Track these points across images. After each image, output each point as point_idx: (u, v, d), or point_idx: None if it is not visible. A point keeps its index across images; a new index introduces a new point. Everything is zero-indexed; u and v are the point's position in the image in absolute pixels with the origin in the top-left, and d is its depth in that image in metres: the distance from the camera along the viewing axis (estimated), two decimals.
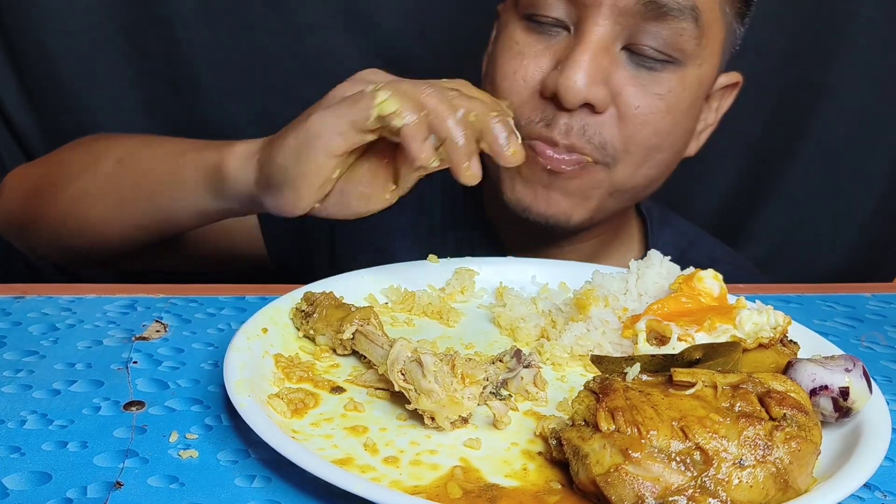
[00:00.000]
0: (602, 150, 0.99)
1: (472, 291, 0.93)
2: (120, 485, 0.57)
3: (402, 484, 0.57)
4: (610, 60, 0.96)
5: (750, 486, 0.53)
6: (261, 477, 0.59)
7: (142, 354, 0.78)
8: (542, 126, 0.98)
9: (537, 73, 0.99)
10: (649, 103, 0.98)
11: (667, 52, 0.96)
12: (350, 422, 0.65)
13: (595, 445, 0.55)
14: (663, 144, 1.02)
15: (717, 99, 1.13)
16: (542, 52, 0.99)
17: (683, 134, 1.05)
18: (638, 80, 0.97)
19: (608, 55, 0.96)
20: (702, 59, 1.00)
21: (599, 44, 0.94)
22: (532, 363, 0.70)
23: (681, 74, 0.99)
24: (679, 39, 0.95)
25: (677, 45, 0.96)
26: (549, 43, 0.99)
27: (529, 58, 0.99)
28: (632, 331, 0.77)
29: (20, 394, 0.69)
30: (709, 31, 0.98)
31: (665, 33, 0.95)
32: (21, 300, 0.89)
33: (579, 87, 0.93)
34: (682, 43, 0.96)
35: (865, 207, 1.69)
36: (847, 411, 0.65)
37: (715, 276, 0.82)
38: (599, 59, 0.95)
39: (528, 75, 0.99)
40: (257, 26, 1.50)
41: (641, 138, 0.99)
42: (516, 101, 1.00)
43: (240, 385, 0.64)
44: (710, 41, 0.99)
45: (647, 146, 1.00)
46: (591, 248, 1.19)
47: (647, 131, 0.99)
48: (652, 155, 1.02)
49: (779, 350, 0.72)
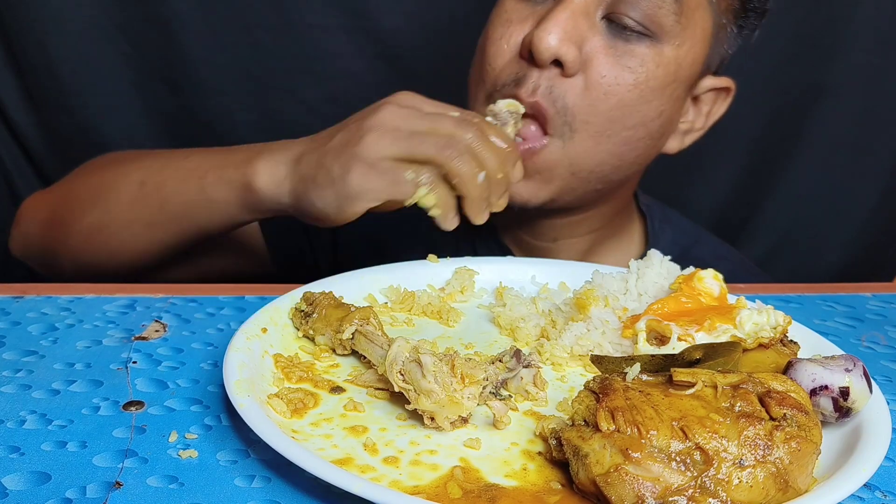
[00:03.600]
0: (563, 115, 1.00)
1: (472, 291, 0.93)
2: (119, 485, 0.57)
3: (402, 484, 0.57)
4: (589, 25, 0.98)
5: (750, 486, 0.53)
6: (260, 477, 0.59)
7: (141, 354, 0.77)
8: (513, 86, 1.01)
9: (520, 36, 1.02)
10: (617, 74, 0.99)
11: (645, 23, 0.98)
12: (350, 422, 0.65)
13: (595, 445, 0.55)
14: (627, 120, 1.02)
15: (709, 104, 1.13)
16: (528, 17, 1.02)
17: (656, 116, 1.04)
18: (612, 50, 0.99)
19: (588, 20, 0.98)
20: (681, 41, 1.00)
21: (580, 6, 0.97)
22: (532, 363, 0.70)
23: (657, 50, 1.00)
24: (658, 12, 0.97)
25: (656, 18, 0.98)
26: (536, 9, 1.02)
27: (515, 23, 1.03)
28: (632, 331, 0.77)
29: (19, 394, 0.69)
30: (690, 12, 1.00)
31: (644, 4, 0.97)
32: (20, 300, 0.89)
33: (551, 41, 0.95)
34: (661, 16, 0.98)
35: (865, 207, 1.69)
36: (847, 411, 0.65)
37: (715, 276, 0.82)
38: (577, 20, 0.97)
39: (511, 39, 1.02)
40: (257, 26, 1.50)
41: (604, 108, 1.00)
42: (498, 65, 1.03)
43: (239, 385, 0.64)
44: (690, 22, 1.00)
45: (609, 118, 1.01)
46: (587, 244, 1.19)
47: (610, 102, 1.00)
48: (614, 129, 1.02)
49: (779, 350, 0.71)
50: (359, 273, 0.91)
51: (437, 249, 0.98)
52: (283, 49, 1.51)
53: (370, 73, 1.53)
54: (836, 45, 1.54)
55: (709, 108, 1.13)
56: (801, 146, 1.64)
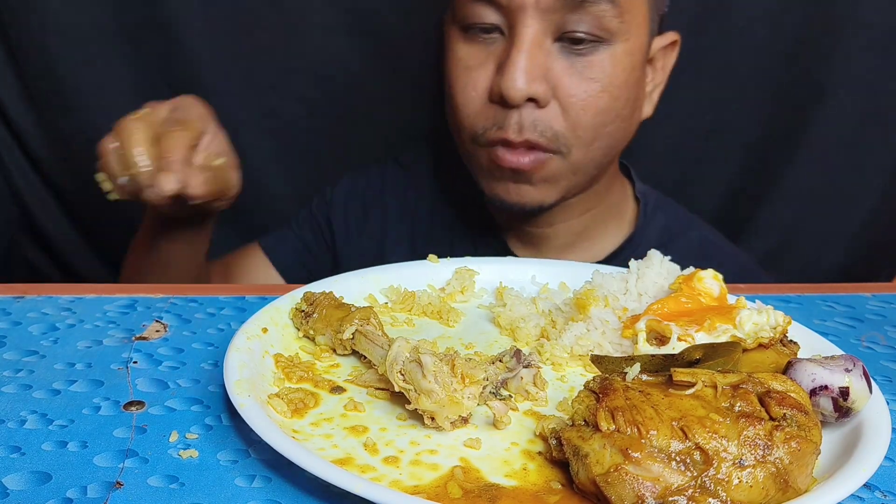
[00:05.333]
0: (555, 140, 1.07)
1: (472, 291, 0.93)
2: (120, 484, 0.57)
3: (402, 484, 0.57)
4: (545, 55, 1.04)
5: (750, 486, 0.53)
6: (261, 477, 0.59)
7: (142, 354, 0.78)
8: (496, 130, 1.07)
9: (485, 82, 1.08)
10: (585, 88, 1.06)
11: (594, 33, 1.04)
12: (350, 422, 0.65)
13: (595, 445, 0.55)
14: (607, 120, 1.09)
15: (661, 59, 1.20)
16: (485, 61, 1.08)
17: (627, 104, 1.11)
18: (572, 68, 1.05)
19: (542, 50, 1.04)
20: (628, 34, 1.07)
21: (532, 42, 1.03)
22: (532, 363, 0.70)
23: (610, 52, 1.06)
24: (602, 21, 1.03)
25: (602, 26, 1.04)
26: (489, 49, 1.08)
27: (475, 69, 1.09)
28: (632, 331, 0.77)
29: (20, 394, 0.70)
30: (629, 6, 1.05)
31: (588, 18, 1.03)
32: (21, 300, 0.89)
33: (520, 86, 1.02)
34: (606, 23, 1.04)
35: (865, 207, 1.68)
36: (847, 411, 0.65)
37: (715, 276, 0.82)
38: (535, 55, 1.03)
39: (477, 85, 1.09)
40: (257, 26, 1.49)
41: (586, 121, 1.08)
42: (472, 112, 1.10)
43: (240, 385, 0.64)
44: (631, 15, 1.06)
45: (593, 126, 1.08)
46: (582, 225, 1.24)
47: (589, 114, 1.07)
48: (599, 132, 1.09)
49: (779, 350, 0.72)
50: (359, 273, 0.91)
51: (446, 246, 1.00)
52: (283, 49, 1.50)
53: (370, 73, 1.53)
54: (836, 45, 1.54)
55: (662, 63, 1.20)
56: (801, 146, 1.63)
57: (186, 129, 0.96)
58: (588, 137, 1.09)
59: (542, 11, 1.02)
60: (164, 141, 0.94)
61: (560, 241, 1.24)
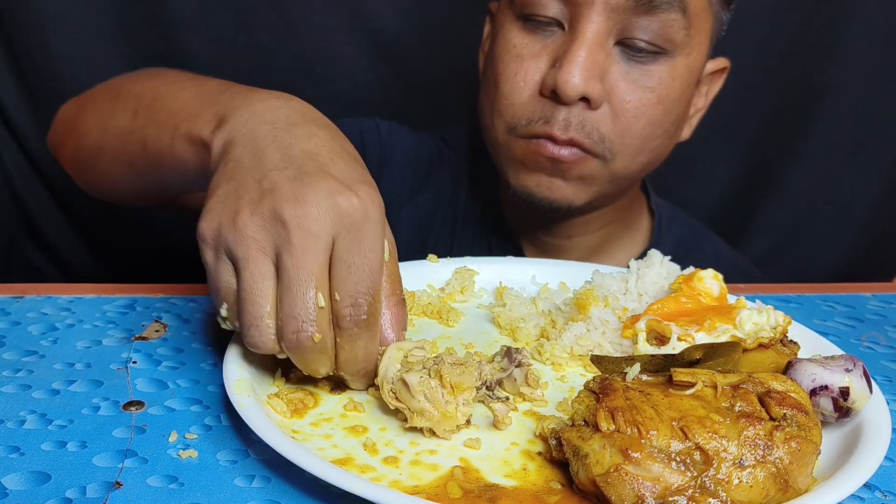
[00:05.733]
0: (601, 143, 1.03)
1: (472, 291, 0.92)
2: (119, 485, 0.57)
3: (402, 484, 0.57)
4: (605, 56, 1.00)
5: (750, 486, 0.53)
6: (260, 477, 0.59)
7: (141, 354, 0.77)
8: (542, 123, 1.02)
9: (536, 74, 1.03)
10: (640, 96, 1.02)
11: (657, 43, 1.00)
12: (350, 422, 0.65)
13: (595, 445, 0.55)
14: (656, 132, 1.06)
15: (707, 84, 1.17)
16: (540, 52, 1.03)
17: (676, 121, 1.09)
18: (629, 74, 1.02)
19: (602, 50, 1.00)
20: (690, 49, 1.03)
21: (594, 40, 0.99)
22: (522, 362, 0.70)
23: (670, 65, 1.03)
24: (669, 31, 1.00)
25: (667, 37, 1.00)
26: (546, 42, 1.03)
27: (528, 59, 1.03)
28: (632, 331, 0.77)
29: (19, 394, 0.69)
30: (696, 21, 1.02)
31: (655, 26, 0.99)
32: (20, 300, 0.89)
33: (577, 83, 0.98)
34: (672, 34, 1.00)
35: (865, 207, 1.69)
36: (847, 411, 0.65)
37: (715, 276, 0.82)
38: (595, 54, 0.99)
39: (527, 76, 1.03)
40: (257, 26, 1.49)
41: (636, 130, 1.04)
42: (517, 102, 1.04)
43: (239, 385, 0.64)
44: (697, 31, 1.03)
45: (642, 136, 1.05)
46: (599, 239, 1.21)
47: (640, 123, 1.04)
48: (647, 144, 1.06)
49: (779, 350, 0.71)
50: None
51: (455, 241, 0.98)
52: (283, 49, 1.50)
53: (370, 73, 1.53)
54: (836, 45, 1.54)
55: (707, 88, 1.17)
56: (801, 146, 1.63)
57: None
58: (634, 147, 1.05)
59: (610, 10, 0.98)
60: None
61: (576, 254, 1.21)
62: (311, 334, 0.61)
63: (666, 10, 0.98)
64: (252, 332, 0.62)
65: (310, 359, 0.63)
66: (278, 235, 0.60)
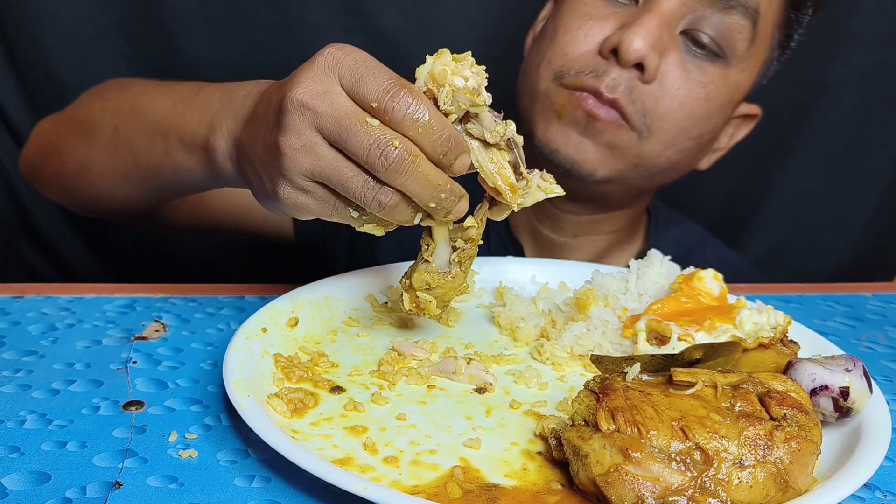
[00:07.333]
0: (642, 116, 1.03)
1: (472, 291, 0.92)
2: (119, 485, 0.57)
3: (402, 484, 0.57)
4: (670, 38, 1.01)
5: (750, 486, 0.53)
6: (260, 477, 0.59)
7: (141, 354, 0.77)
8: (592, 77, 1.02)
9: (599, 35, 1.03)
10: (691, 87, 1.03)
11: (720, 43, 1.02)
12: (350, 422, 0.65)
13: (595, 445, 0.55)
14: (692, 132, 1.06)
15: (734, 126, 1.17)
16: (608, 17, 1.04)
17: (711, 131, 1.09)
18: (686, 65, 1.02)
19: (670, 32, 1.01)
20: (745, 66, 1.05)
21: (665, 16, 1.00)
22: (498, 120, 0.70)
23: (724, 72, 1.04)
24: (734, 35, 1.01)
25: (731, 41, 1.02)
26: (616, 10, 1.04)
27: (595, 19, 1.05)
28: (632, 331, 0.77)
29: (19, 393, 0.69)
30: (758, 40, 1.04)
31: (723, 25, 1.01)
32: (20, 300, 0.89)
33: (639, 46, 0.98)
34: (736, 40, 1.02)
35: (865, 207, 1.69)
36: (847, 411, 0.65)
37: (715, 276, 0.82)
38: (662, 30, 1.00)
39: (589, 33, 1.04)
40: (256, 25, 1.50)
41: (677, 118, 1.04)
42: (573, 52, 1.04)
43: (239, 385, 0.64)
44: (757, 51, 1.05)
45: (679, 128, 1.05)
46: (604, 244, 1.21)
47: (683, 113, 1.04)
48: (680, 139, 1.06)
49: (779, 350, 0.71)
50: (359, 273, 0.90)
51: None
52: (283, 49, 1.50)
53: None
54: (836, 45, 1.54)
55: (733, 131, 1.17)
56: (801, 146, 1.63)
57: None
58: (670, 136, 1.05)
59: None
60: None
61: (579, 255, 1.19)
62: (390, 141, 0.65)
63: (739, 14, 1.00)
64: (368, 197, 0.67)
65: (396, 211, 0.69)
66: (305, 117, 0.66)
